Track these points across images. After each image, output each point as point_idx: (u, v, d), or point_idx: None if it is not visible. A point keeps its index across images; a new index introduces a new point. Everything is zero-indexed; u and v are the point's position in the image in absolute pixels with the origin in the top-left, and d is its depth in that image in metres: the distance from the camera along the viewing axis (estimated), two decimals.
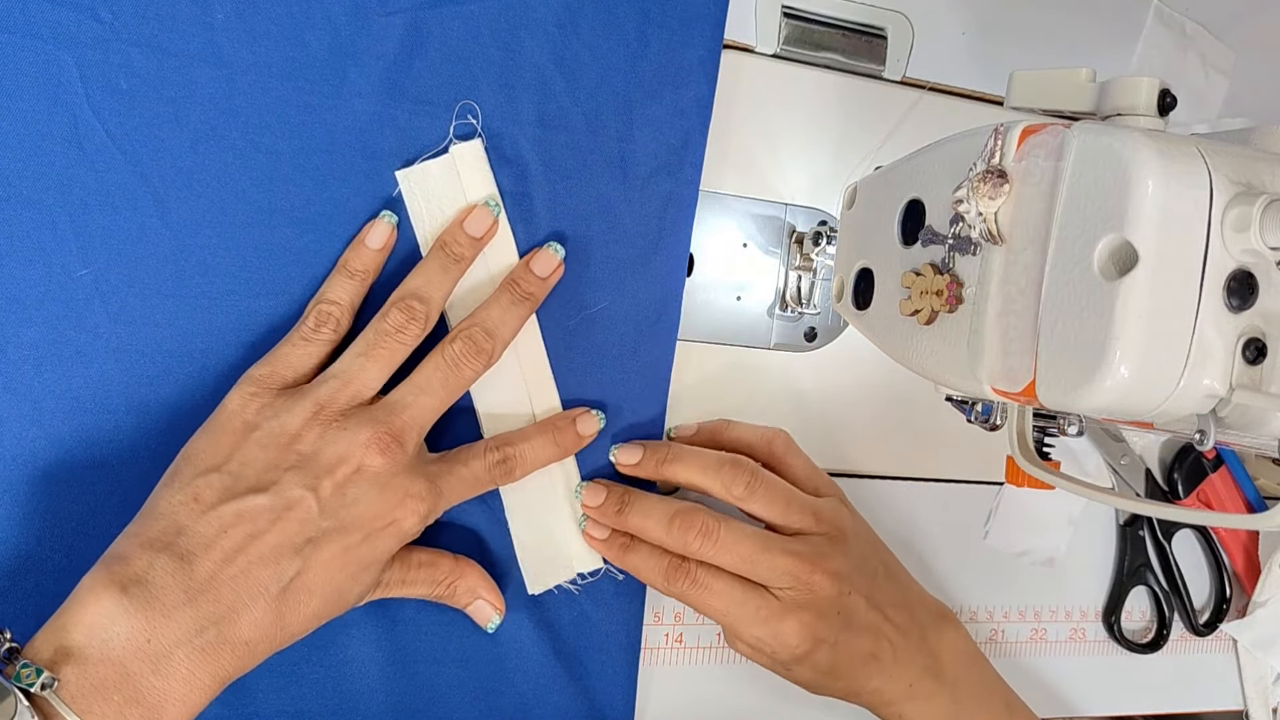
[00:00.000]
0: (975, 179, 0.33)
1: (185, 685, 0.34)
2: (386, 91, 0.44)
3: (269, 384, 0.40)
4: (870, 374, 0.56)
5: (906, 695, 0.47)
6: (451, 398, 0.42)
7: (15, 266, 0.39)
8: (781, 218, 0.55)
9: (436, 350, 0.42)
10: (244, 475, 0.38)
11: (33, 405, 0.40)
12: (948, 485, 0.59)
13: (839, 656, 0.45)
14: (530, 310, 0.45)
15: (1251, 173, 0.30)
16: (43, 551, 0.40)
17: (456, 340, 0.42)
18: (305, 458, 0.38)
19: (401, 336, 0.41)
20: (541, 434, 0.45)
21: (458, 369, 0.42)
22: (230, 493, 0.37)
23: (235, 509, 0.37)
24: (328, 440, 0.39)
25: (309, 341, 0.41)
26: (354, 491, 0.39)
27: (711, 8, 0.48)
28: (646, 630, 0.50)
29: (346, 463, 0.39)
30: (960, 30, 0.57)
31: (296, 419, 0.39)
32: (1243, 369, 0.30)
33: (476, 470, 0.43)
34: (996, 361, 0.33)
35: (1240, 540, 0.67)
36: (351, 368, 0.40)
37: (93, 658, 0.33)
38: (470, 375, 0.42)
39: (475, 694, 0.46)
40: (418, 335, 0.42)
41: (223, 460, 0.38)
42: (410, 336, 0.41)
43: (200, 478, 0.37)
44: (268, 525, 0.37)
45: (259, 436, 0.39)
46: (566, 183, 0.47)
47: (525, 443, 0.44)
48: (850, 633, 0.45)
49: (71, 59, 0.40)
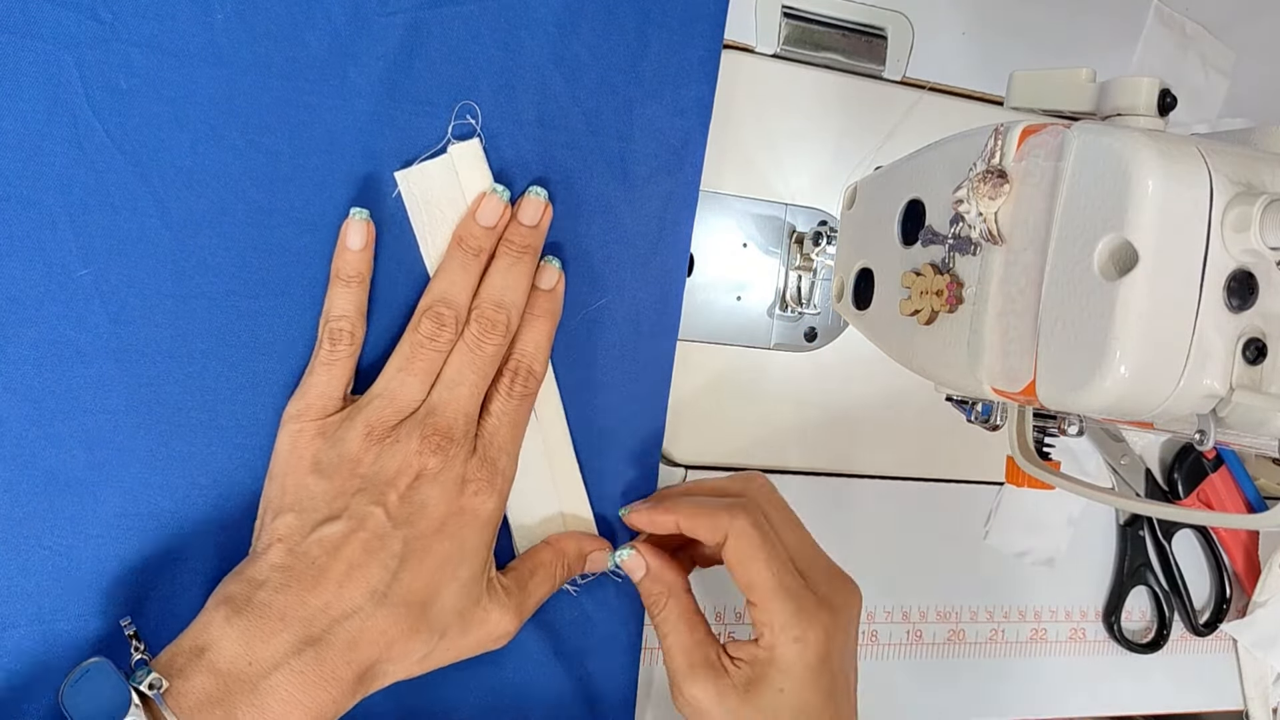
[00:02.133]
0: (975, 179, 0.33)
1: (282, 708, 0.35)
2: (386, 91, 0.44)
3: (310, 416, 0.41)
4: (870, 374, 0.56)
5: None
6: (485, 378, 0.42)
7: (15, 266, 0.39)
8: (781, 218, 0.55)
9: (460, 341, 0.42)
10: (315, 509, 0.39)
11: (33, 405, 0.40)
12: (948, 485, 0.59)
13: None
14: (532, 264, 0.44)
15: (1251, 173, 0.30)
16: (42, 552, 0.40)
17: (471, 324, 0.42)
18: (368, 479, 0.40)
19: (436, 344, 0.42)
20: None
21: (480, 350, 0.42)
22: (306, 528, 0.39)
23: (316, 539, 0.38)
24: (385, 457, 0.40)
25: (331, 365, 0.42)
26: (419, 496, 0.40)
27: (711, 8, 0.48)
28: (647, 630, 0.50)
29: (405, 472, 0.40)
30: (960, 30, 0.57)
31: (352, 445, 0.40)
32: (1243, 369, 0.30)
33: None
34: (996, 361, 0.33)
35: (1240, 540, 0.67)
36: (393, 384, 0.41)
37: (200, 672, 0.35)
38: (494, 350, 0.42)
39: (475, 694, 0.46)
40: (450, 339, 0.42)
41: (292, 501, 0.39)
42: (444, 342, 0.42)
43: (276, 520, 0.39)
44: (345, 546, 0.38)
45: (320, 469, 0.40)
46: (566, 183, 0.47)
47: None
48: None
49: (71, 59, 0.40)
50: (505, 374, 0.43)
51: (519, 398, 0.43)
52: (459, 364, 0.42)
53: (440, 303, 0.42)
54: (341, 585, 0.37)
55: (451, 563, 0.40)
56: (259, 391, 0.42)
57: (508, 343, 0.43)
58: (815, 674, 0.41)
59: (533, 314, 0.44)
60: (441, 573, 0.40)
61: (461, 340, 0.42)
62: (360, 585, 0.38)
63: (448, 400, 0.41)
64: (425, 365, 0.42)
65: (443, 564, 0.40)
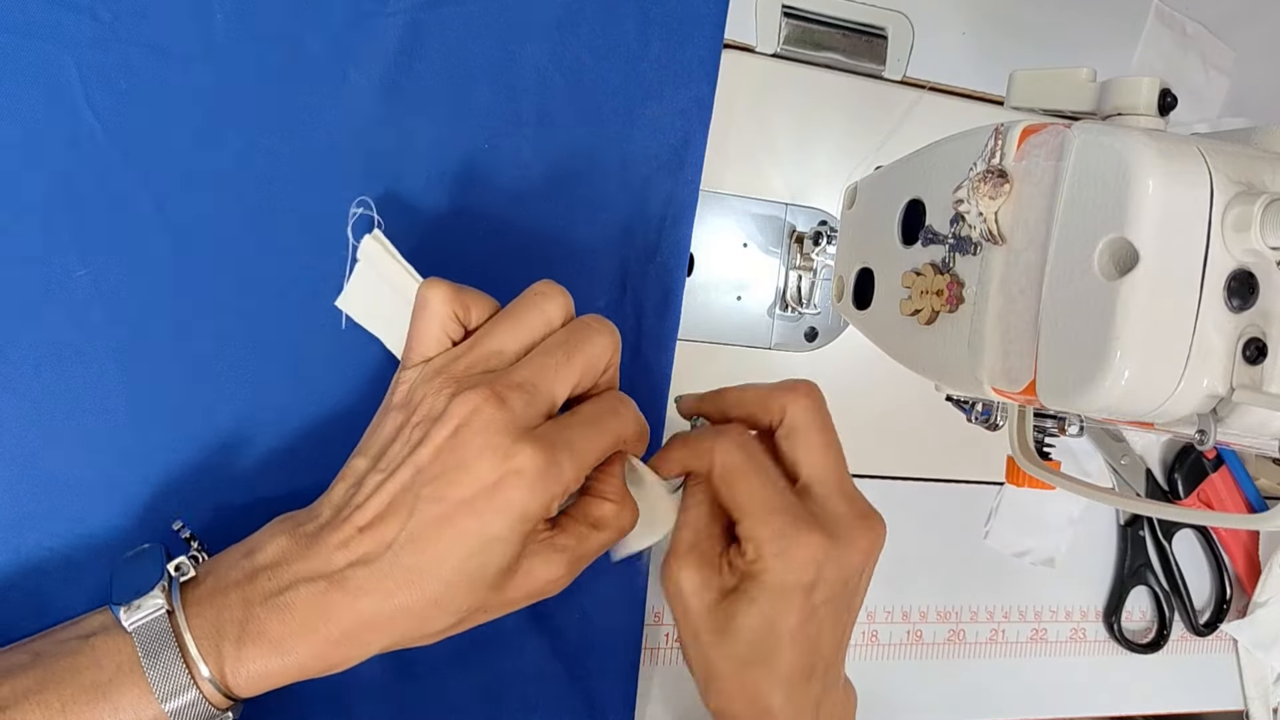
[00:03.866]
0: (975, 179, 0.33)
1: (282, 629, 0.34)
2: (386, 91, 0.44)
3: (412, 361, 0.39)
4: (870, 374, 0.56)
5: None
6: (572, 357, 0.38)
7: (15, 267, 0.39)
8: (781, 218, 0.54)
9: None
10: (373, 449, 0.37)
11: (33, 405, 0.40)
12: (948, 485, 0.59)
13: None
14: None
15: (1252, 172, 0.30)
16: (41, 552, 0.40)
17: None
18: (415, 425, 0.37)
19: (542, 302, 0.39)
20: None
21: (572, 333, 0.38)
22: (363, 470, 0.37)
23: (355, 479, 0.37)
24: (439, 401, 0.36)
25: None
26: (452, 457, 0.35)
27: (711, 8, 0.48)
28: (646, 630, 0.50)
29: (446, 423, 0.35)
30: (960, 30, 0.57)
31: (421, 388, 0.37)
32: (1243, 369, 0.30)
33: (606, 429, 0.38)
34: (997, 361, 0.33)
35: (1240, 540, 0.67)
36: (484, 337, 0.38)
37: (228, 566, 0.36)
38: (559, 312, 0.39)
39: (475, 694, 0.46)
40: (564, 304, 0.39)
41: (365, 443, 0.38)
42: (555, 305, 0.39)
43: (351, 461, 0.38)
44: (373, 493, 0.36)
45: (388, 409, 0.38)
46: (566, 183, 0.47)
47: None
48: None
49: (71, 59, 0.40)
50: None
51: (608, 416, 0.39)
52: (549, 342, 0.38)
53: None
54: (364, 532, 0.35)
55: (473, 542, 0.35)
56: (259, 391, 0.42)
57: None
58: (793, 596, 0.39)
59: None
60: (457, 550, 0.35)
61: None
62: (372, 538, 0.35)
63: (525, 365, 0.37)
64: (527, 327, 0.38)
65: (466, 545, 0.35)
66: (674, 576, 0.40)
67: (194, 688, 0.34)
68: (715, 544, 0.41)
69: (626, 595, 0.49)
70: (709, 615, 0.40)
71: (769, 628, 0.39)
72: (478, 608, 0.36)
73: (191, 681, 0.34)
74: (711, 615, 0.40)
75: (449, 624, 0.36)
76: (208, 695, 0.34)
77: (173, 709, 0.34)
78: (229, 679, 0.34)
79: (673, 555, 0.40)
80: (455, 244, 0.45)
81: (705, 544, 0.41)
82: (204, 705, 0.34)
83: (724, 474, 0.40)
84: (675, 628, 0.42)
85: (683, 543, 0.41)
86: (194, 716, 0.34)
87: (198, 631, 0.34)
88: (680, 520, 0.41)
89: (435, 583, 0.35)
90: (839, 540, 0.39)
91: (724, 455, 0.40)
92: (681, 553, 0.40)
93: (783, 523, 0.39)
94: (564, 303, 0.39)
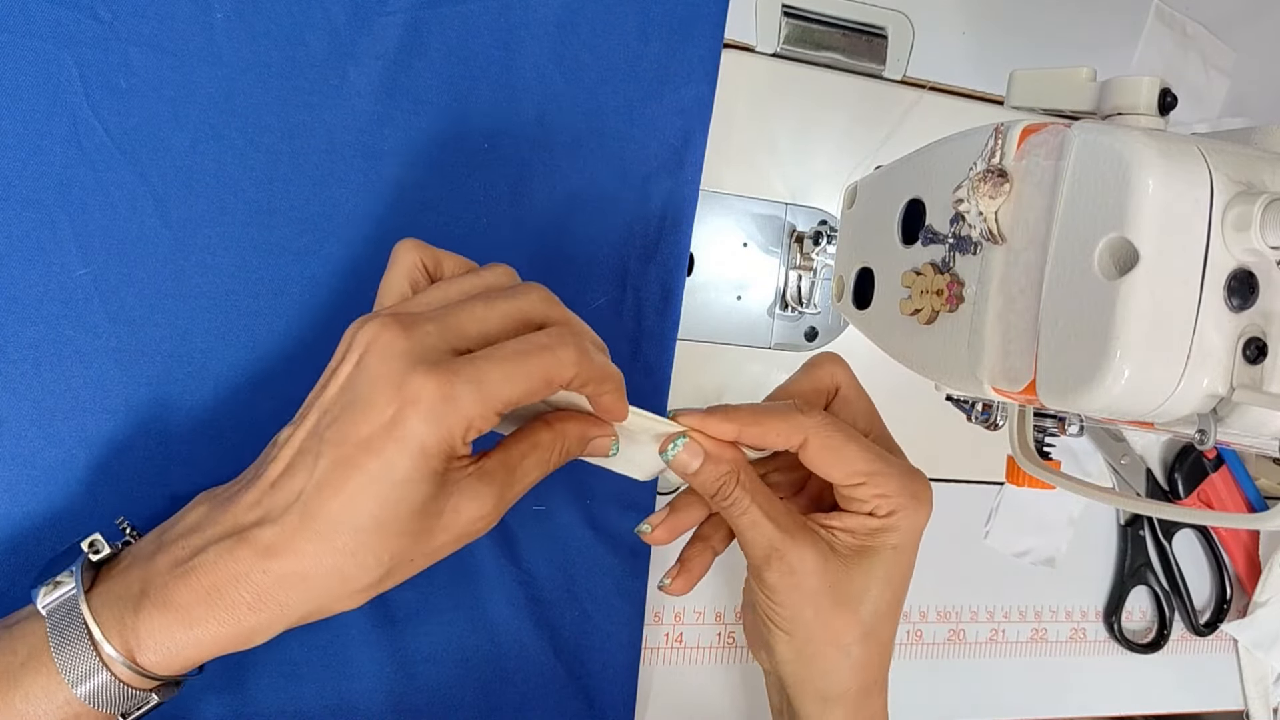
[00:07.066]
0: (975, 178, 0.33)
1: (190, 595, 0.32)
2: (386, 91, 0.44)
3: None
4: (870, 374, 0.56)
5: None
6: (495, 300, 0.35)
7: (15, 266, 0.39)
8: (781, 217, 0.54)
9: None
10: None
11: (33, 405, 0.40)
12: (948, 485, 0.59)
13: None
14: None
15: (1252, 172, 0.30)
16: (42, 551, 0.40)
17: None
18: (330, 367, 0.34)
19: None
20: None
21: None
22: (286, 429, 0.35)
23: (276, 438, 0.35)
24: (350, 333, 0.34)
25: None
26: (352, 392, 0.33)
27: (711, 8, 0.48)
28: (646, 630, 0.50)
29: (352, 354, 0.33)
30: (960, 30, 0.57)
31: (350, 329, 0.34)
32: (1243, 368, 0.30)
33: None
34: (997, 361, 0.33)
35: (1241, 540, 0.67)
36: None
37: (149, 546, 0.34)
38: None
39: (475, 694, 0.46)
40: None
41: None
42: None
43: None
44: (284, 445, 0.34)
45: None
46: (567, 182, 0.47)
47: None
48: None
49: (71, 59, 0.40)
50: None
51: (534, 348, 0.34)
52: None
53: None
54: (275, 486, 0.33)
55: (381, 487, 0.32)
56: (259, 391, 0.42)
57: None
58: (919, 534, 0.41)
59: None
60: (366, 496, 0.32)
61: None
62: (284, 492, 0.33)
63: (459, 304, 0.34)
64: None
65: (374, 491, 0.32)
66: (792, 561, 0.39)
67: (104, 669, 0.31)
68: (800, 517, 0.41)
69: (626, 595, 0.49)
70: (838, 583, 0.40)
71: (905, 571, 0.41)
72: (401, 558, 0.33)
73: (100, 663, 0.31)
74: (840, 582, 0.40)
75: (371, 579, 0.33)
76: (120, 675, 0.32)
77: (85, 693, 0.31)
78: (137, 654, 0.32)
79: (779, 544, 0.39)
80: (455, 244, 0.45)
81: (797, 520, 0.40)
82: (118, 687, 0.32)
83: (834, 446, 0.40)
84: (766, 616, 0.40)
85: (776, 532, 0.39)
86: (110, 700, 0.32)
87: (98, 603, 0.32)
88: (753, 520, 0.40)
89: (347, 533, 0.32)
90: (929, 488, 0.41)
91: (822, 433, 0.40)
92: (783, 538, 0.39)
93: (903, 472, 0.40)
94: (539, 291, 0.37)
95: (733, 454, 0.40)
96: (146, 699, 0.33)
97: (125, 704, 0.32)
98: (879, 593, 0.40)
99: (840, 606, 0.40)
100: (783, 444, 0.40)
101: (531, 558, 0.47)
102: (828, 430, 0.40)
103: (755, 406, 0.41)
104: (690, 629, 0.52)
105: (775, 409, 0.40)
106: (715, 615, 0.53)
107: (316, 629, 0.43)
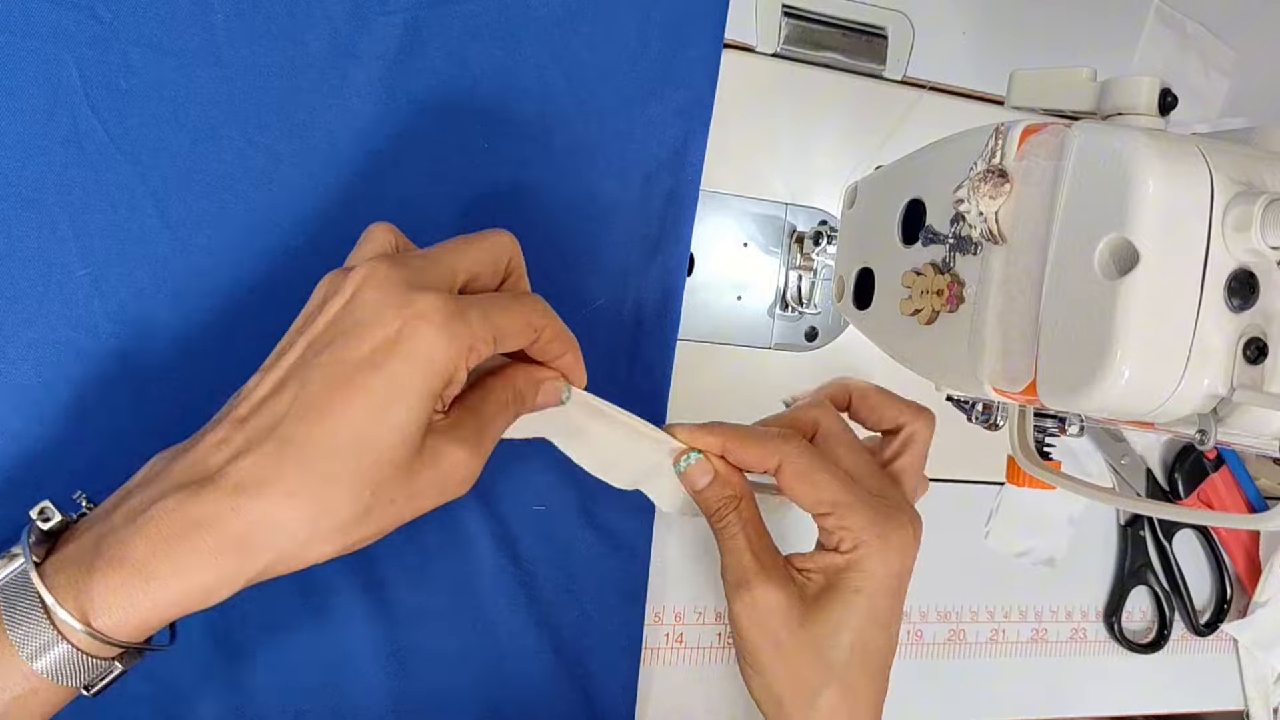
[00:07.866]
0: (976, 178, 0.33)
1: (148, 547, 0.30)
2: (386, 91, 0.44)
3: None
4: (870, 374, 0.56)
5: None
6: (471, 242, 0.35)
7: (15, 266, 0.39)
8: (781, 217, 0.54)
9: None
10: None
11: (33, 404, 0.40)
12: (948, 485, 0.59)
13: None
14: None
15: (1252, 172, 0.30)
16: None
17: None
18: (309, 313, 0.34)
19: None
20: None
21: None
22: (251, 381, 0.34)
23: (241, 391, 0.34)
24: (337, 279, 0.34)
25: None
26: (349, 319, 0.32)
27: (711, 7, 0.48)
28: (646, 630, 0.50)
29: (343, 292, 0.33)
30: (960, 30, 0.57)
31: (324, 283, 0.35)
32: (1243, 369, 0.30)
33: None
34: (997, 361, 0.33)
35: (1241, 540, 0.67)
36: None
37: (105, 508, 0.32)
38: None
39: (475, 694, 0.46)
40: None
41: None
42: None
43: None
44: (256, 386, 0.33)
45: None
46: (566, 182, 0.47)
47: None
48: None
49: (71, 59, 0.40)
50: None
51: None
52: None
53: None
54: (245, 421, 0.31)
55: (371, 398, 0.30)
56: None
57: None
58: (892, 580, 0.40)
59: None
60: (354, 410, 0.30)
61: None
62: (262, 419, 0.31)
63: (439, 247, 0.35)
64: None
65: (356, 400, 0.30)
66: (758, 597, 0.39)
67: (61, 641, 0.29)
68: (779, 555, 0.41)
69: (626, 595, 0.49)
70: (801, 626, 0.39)
71: (873, 612, 0.40)
72: (383, 494, 0.31)
73: (57, 634, 0.29)
74: (804, 624, 0.39)
75: (350, 512, 0.31)
76: (79, 644, 0.29)
77: (44, 667, 0.29)
78: (93, 618, 0.29)
79: (750, 577, 0.40)
80: None
81: (774, 558, 0.41)
82: (80, 658, 0.30)
83: (803, 471, 0.40)
84: (737, 649, 0.41)
85: (752, 565, 0.40)
86: (71, 673, 0.30)
87: (52, 569, 0.30)
88: (736, 547, 0.41)
89: (328, 457, 0.30)
90: (913, 523, 0.41)
91: (796, 459, 0.40)
92: (758, 571, 0.40)
93: (876, 510, 0.40)
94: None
95: (739, 482, 0.42)
96: (110, 668, 0.31)
97: (88, 675, 0.30)
98: (848, 640, 0.39)
99: (805, 651, 0.39)
100: (759, 465, 0.41)
101: (531, 558, 0.47)
102: (803, 457, 0.40)
103: (741, 427, 0.42)
104: (690, 629, 0.52)
105: (758, 431, 0.42)
106: (715, 615, 0.53)
107: (316, 629, 0.43)
